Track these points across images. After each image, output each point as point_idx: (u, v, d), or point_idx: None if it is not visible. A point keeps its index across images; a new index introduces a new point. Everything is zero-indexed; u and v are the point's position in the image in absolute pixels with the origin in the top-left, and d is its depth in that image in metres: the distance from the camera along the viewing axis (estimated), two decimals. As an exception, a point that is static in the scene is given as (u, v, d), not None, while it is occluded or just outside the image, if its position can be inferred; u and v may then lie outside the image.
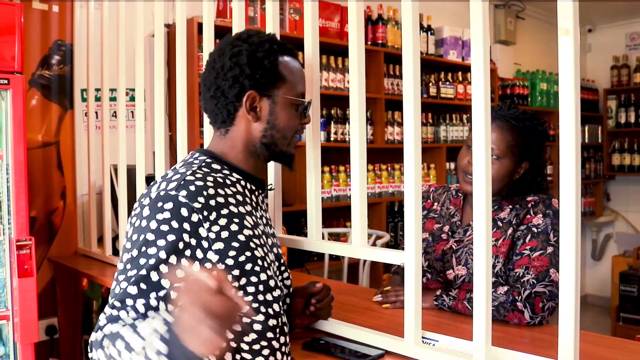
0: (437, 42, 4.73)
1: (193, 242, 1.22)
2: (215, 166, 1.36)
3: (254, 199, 1.41)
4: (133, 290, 1.17)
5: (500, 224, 1.85)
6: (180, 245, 1.20)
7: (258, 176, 1.44)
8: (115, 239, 2.57)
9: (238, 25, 1.88)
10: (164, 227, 1.19)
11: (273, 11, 1.82)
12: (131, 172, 2.39)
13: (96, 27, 2.76)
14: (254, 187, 1.42)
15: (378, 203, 4.16)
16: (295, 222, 3.63)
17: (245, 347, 1.28)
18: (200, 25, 3.15)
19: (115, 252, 2.53)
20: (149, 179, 2.35)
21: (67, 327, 2.86)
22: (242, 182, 1.38)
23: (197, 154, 1.40)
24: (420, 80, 1.52)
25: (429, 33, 4.62)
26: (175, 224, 1.20)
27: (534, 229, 1.78)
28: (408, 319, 1.39)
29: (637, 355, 1.46)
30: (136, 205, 1.28)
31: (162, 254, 1.18)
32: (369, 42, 4.20)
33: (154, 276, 1.17)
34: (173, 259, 1.19)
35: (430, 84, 4.61)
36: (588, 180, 6.42)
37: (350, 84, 1.57)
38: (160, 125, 2.21)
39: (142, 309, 1.16)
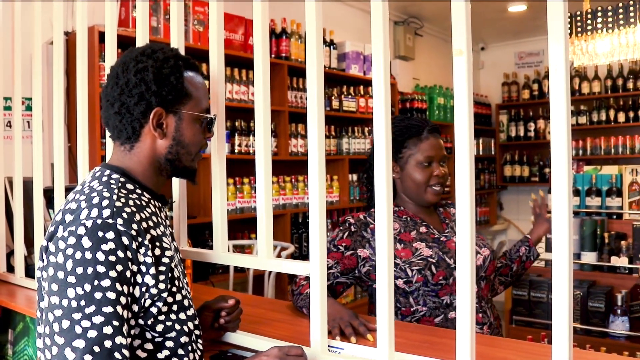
0: (339, 57, 4.84)
1: (135, 268, 1.22)
2: (129, 186, 1.34)
3: (162, 216, 1.40)
4: (108, 330, 1.15)
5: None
6: (128, 273, 1.20)
7: (159, 192, 1.44)
8: (9, 254, 2.44)
9: (142, 35, 1.85)
10: (112, 258, 1.18)
11: (178, 23, 1.81)
12: (28, 184, 2.29)
13: (-12, 33, 2.64)
14: (159, 204, 1.42)
15: (282, 214, 4.19)
16: (199, 234, 3.60)
17: None
18: (101, 34, 3.09)
19: (10, 268, 2.42)
20: (47, 192, 2.26)
21: (-45, 350, 2.69)
22: (152, 202, 1.38)
23: (107, 171, 1.36)
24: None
25: (332, 47, 4.72)
26: (121, 254, 1.19)
27: None
28: (314, 328, 1.42)
29: (527, 353, 1.55)
30: (64, 233, 1.21)
31: (118, 286, 1.17)
32: (273, 55, 4.24)
33: (120, 310, 1.17)
34: (125, 289, 1.19)
35: (333, 97, 4.70)
36: (482, 191, 6.73)
37: (255, 96, 1.58)
38: (59, 136, 2.14)
39: (127, 353, 1.17)
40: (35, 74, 2.25)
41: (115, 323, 1.16)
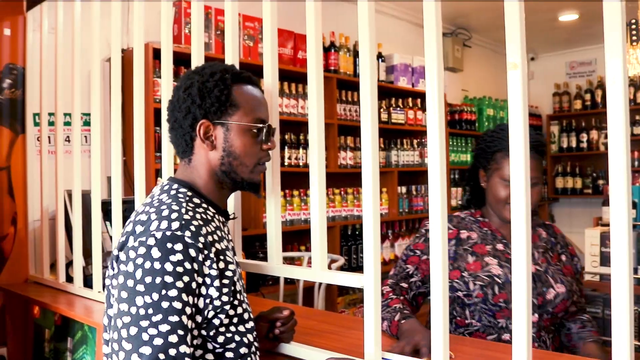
0: (387, 69, 4.85)
1: (200, 280, 1.25)
2: (196, 200, 1.39)
3: (225, 231, 1.44)
4: (173, 338, 1.18)
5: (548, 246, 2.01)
6: (194, 285, 1.24)
7: (223, 207, 1.48)
8: (68, 265, 2.53)
9: (197, 52, 1.90)
10: (179, 269, 1.21)
11: (232, 41, 1.86)
12: (86, 197, 2.36)
13: (49, 50, 2.74)
14: (222, 219, 1.45)
15: (332, 227, 4.20)
16: (250, 246, 3.64)
17: None
18: (155, 51, 3.17)
19: (69, 278, 2.49)
20: (104, 205, 2.33)
21: (17, 357, 2.79)
22: (217, 216, 1.42)
23: (175, 185, 1.41)
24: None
25: (380, 60, 4.73)
26: (188, 265, 1.23)
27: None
28: (368, 340, 1.42)
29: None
30: (134, 243, 1.26)
31: (184, 296, 1.21)
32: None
33: (185, 320, 1.21)
34: (190, 299, 1.23)
35: (382, 110, 4.71)
36: (533, 203, 6.61)
37: (310, 111, 1.61)
38: (117, 151, 2.21)
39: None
40: (94, 91, 2.32)
41: (180, 332, 1.19)
